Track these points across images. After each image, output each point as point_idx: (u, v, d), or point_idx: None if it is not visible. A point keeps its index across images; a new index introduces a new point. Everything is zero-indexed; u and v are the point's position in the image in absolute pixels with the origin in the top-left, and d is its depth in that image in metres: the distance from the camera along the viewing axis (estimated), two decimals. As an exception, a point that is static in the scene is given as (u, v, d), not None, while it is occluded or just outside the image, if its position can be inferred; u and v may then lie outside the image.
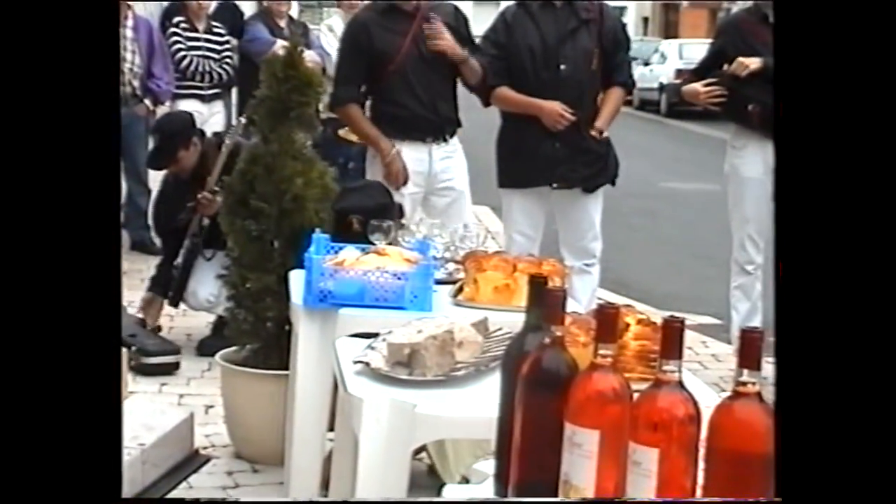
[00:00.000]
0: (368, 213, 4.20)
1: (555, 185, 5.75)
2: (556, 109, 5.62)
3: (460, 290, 3.82)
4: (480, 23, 6.63)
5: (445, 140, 5.70)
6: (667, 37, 38.30)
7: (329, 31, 8.57)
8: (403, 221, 4.47)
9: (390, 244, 3.98)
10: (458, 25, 5.75)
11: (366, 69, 5.64)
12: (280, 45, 7.64)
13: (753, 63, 5.82)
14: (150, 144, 6.08)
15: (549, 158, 5.68)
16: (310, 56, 6.50)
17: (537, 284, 2.40)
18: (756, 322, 6.13)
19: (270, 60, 4.77)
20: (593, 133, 5.76)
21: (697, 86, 6.08)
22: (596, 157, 5.79)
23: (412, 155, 5.62)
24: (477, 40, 5.93)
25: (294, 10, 12.45)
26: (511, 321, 2.87)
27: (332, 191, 4.62)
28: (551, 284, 3.27)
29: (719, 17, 29.47)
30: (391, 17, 5.61)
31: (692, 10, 43.82)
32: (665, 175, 15.30)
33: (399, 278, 3.68)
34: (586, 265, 5.90)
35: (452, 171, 5.75)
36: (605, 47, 5.81)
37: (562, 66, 5.68)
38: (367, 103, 5.82)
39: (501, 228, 8.95)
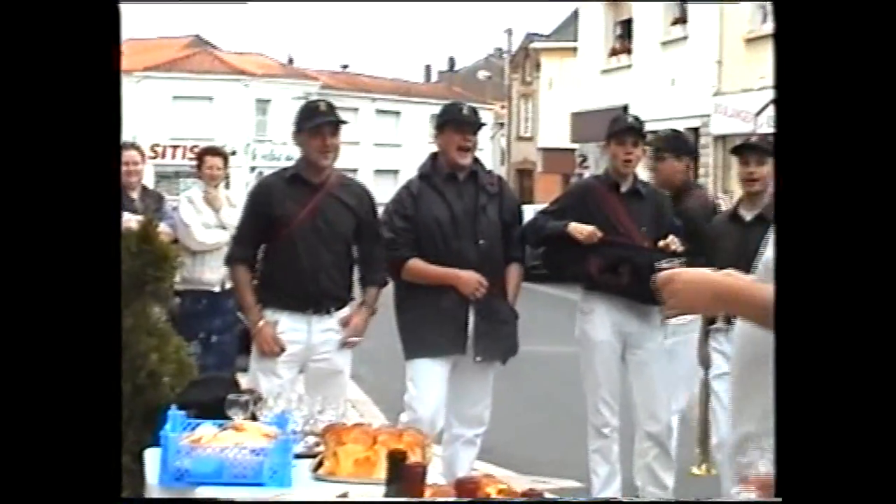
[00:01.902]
0: (204, 409, 4.09)
1: (478, 359, 5.76)
2: (474, 278, 5.71)
3: (320, 463, 3.80)
4: (380, 193, 6.69)
5: (328, 313, 5.65)
6: (522, 202, 39.12)
7: (189, 203, 8.55)
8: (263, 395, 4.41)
9: (249, 419, 3.94)
10: (362, 206, 5.78)
11: (263, 232, 5.70)
12: (134, 219, 7.62)
13: (590, 232, 5.98)
14: None
15: (465, 329, 5.75)
16: (162, 228, 6.49)
17: (396, 460, 2.42)
18: (616, 484, 6.19)
19: (124, 235, 4.75)
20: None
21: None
22: (511, 329, 5.89)
23: (290, 324, 5.59)
24: (379, 209, 5.98)
25: (150, 180, 12.42)
26: (372, 494, 2.86)
27: (189, 366, 4.58)
28: (411, 458, 3.29)
29: (571, 181, 30.29)
30: (295, 186, 5.66)
31: (546, 175, 44.96)
32: (523, 338, 15.44)
33: (257, 454, 3.65)
34: (476, 436, 5.92)
35: (333, 345, 5.69)
36: (505, 221, 5.93)
37: (481, 241, 5.76)
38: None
39: (362, 397, 8.90)
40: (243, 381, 5.13)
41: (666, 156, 6.52)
